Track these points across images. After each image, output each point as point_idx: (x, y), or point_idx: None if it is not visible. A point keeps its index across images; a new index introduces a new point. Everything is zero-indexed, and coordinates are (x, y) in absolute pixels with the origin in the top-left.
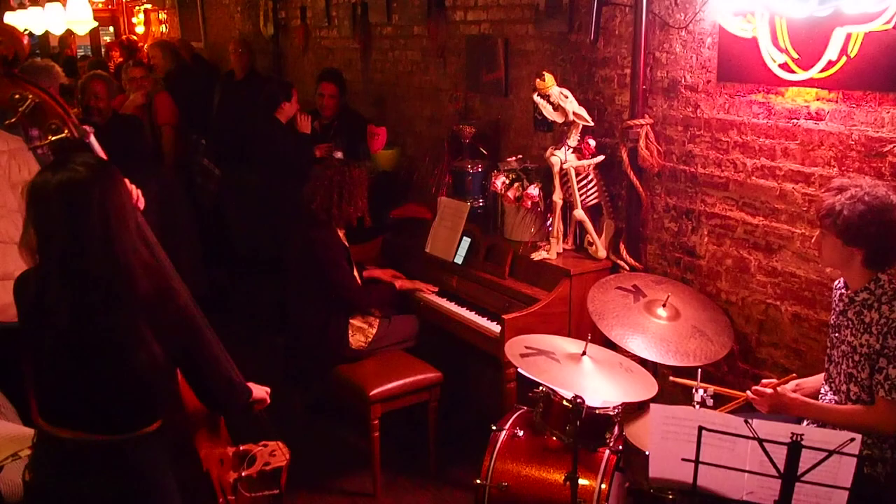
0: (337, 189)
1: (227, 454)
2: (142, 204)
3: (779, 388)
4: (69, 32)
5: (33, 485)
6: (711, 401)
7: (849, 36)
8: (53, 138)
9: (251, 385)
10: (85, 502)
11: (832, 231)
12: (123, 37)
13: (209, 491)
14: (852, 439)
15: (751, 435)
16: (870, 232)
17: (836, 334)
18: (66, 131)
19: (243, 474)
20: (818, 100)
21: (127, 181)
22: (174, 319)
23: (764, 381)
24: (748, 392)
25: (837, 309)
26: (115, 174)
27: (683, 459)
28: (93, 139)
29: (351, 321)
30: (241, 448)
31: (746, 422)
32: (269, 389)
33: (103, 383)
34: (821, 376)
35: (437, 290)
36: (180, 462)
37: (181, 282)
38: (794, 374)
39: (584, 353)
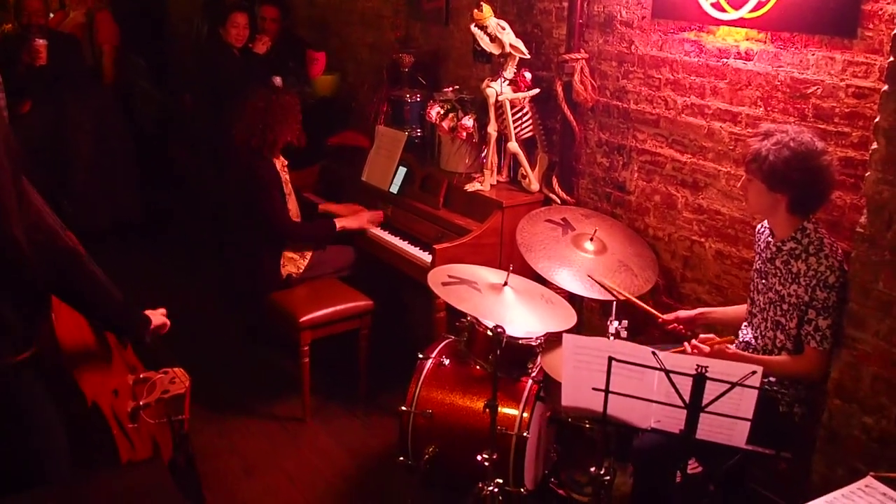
0: (260, 117)
1: (125, 383)
2: None
3: (716, 346)
4: None
5: None
6: (625, 332)
7: None
8: None
9: (148, 312)
10: None
11: (757, 176)
12: None
13: (101, 423)
14: (753, 372)
15: (658, 366)
16: (794, 178)
17: (763, 281)
18: None
19: (141, 402)
20: (747, 40)
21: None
22: (48, 249)
23: (702, 335)
24: (686, 345)
25: (764, 256)
26: None
27: (594, 389)
28: None
29: (283, 252)
30: (141, 376)
31: (654, 353)
32: (165, 311)
33: None
34: (732, 308)
35: (381, 219)
36: (61, 396)
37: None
38: (732, 338)
39: (505, 284)
